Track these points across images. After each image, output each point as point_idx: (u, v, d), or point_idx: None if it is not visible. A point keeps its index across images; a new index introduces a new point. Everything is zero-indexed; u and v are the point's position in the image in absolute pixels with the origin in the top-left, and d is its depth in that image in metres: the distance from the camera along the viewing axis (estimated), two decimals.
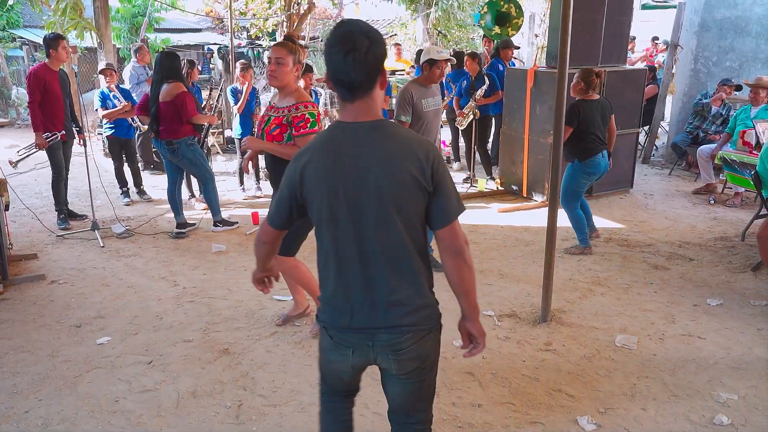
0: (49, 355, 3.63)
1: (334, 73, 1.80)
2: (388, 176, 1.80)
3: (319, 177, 1.85)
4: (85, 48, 12.22)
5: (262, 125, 3.58)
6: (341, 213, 1.85)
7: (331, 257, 1.92)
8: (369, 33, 1.78)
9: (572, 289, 4.59)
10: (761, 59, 8.18)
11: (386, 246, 1.86)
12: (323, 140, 1.89)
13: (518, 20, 8.37)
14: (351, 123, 1.85)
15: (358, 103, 1.83)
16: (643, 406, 3.14)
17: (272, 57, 3.43)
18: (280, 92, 3.54)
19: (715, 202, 6.95)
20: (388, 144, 1.84)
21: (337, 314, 1.94)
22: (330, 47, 1.78)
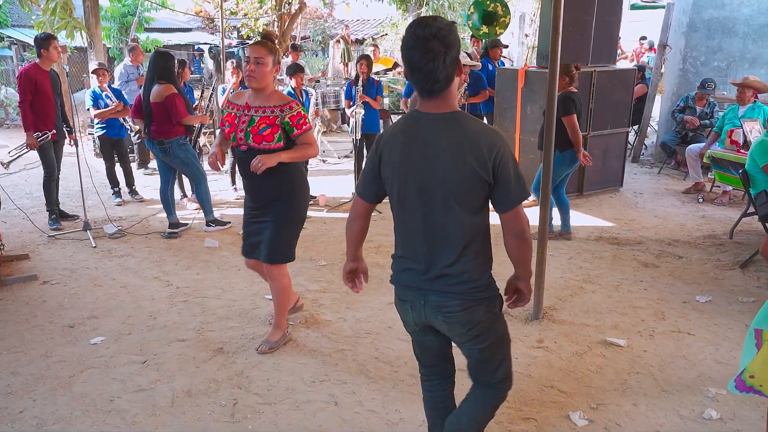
0: (42, 355, 3.63)
1: (416, 81, 2.00)
2: (452, 168, 2.01)
3: (394, 162, 2.10)
4: (75, 48, 12.16)
5: (242, 125, 3.34)
6: (411, 194, 2.10)
7: (400, 228, 2.20)
8: (444, 38, 1.93)
9: (563, 287, 4.64)
10: (748, 59, 8.28)
11: (447, 226, 2.08)
12: (401, 128, 2.12)
13: (505, 18, 8.41)
14: (426, 113, 2.06)
15: (435, 100, 2.03)
16: (634, 401, 3.18)
17: (251, 57, 3.28)
18: (258, 93, 3.36)
19: (703, 201, 7.03)
20: (457, 137, 2.02)
21: (401, 274, 2.22)
22: (410, 53, 1.96)
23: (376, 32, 19.93)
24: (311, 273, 4.90)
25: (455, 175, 2.01)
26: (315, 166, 8.76)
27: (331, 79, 12.73)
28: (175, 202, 5.91)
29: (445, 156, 2.01)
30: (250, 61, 3.27)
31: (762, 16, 8.08)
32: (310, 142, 3.44)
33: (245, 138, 3.34)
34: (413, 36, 1.94)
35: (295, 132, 3.37)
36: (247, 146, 3.35)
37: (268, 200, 3.47)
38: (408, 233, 2.16)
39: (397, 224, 2.21)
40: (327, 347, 3.71)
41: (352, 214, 2.33)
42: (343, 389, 3.27)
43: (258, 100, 3.37)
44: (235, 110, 3.42)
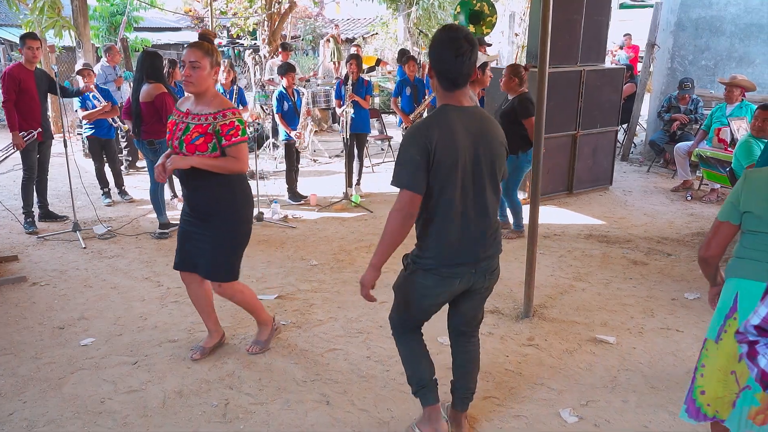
0: (32, 357, 3.61)
1: (445, 71, 2.36)
2: (492, 149, 2.45)
3: (447, 148, 2.34)
4: (63, 47, 12.08)
5: (178, 133, 3.15)
6: (465, 176, 2.40)
7: (453, 210, 2.42)
8: (469, 38, 2.33)
9: (554, 285, 4.67)
10: (735, 58, 8.36)
11: (490, 201, 2.50)
12: (443, 119, 2.39)
13: (492, 18, 8.45)
14: (459, 107, 2.42)
15: (459, 92, 2.41)
16: (624, 398, 3.21)
17: (186, 60, 3.08)
18: (198, 98, 3.18)
19: (692, 199, 7.09)
20: (488, 125, 2.47)
21: (453, 254, 2.47)
22: (440, 49, 2.35)
23: (366, 31, 19.93)
24: (302, 273, 4.90)
25: (494, 155, 2.46)
26: (306, 166, 8.76)
27: (322, 78, 12.72)
28: (165, 203, 5.89)
29: (485, 140, 2.43)
30: (184, 65, 3.09)
31: (749, 15, 8.16)
32: (239, 156, 3.15)
33: (179, 146, 3.12)
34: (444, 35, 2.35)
35: (224, 142, 3.11)
36: (182, 155, 3.14)
37: (203, 215, 3.24)
38: (461, 215, 2.44)
39: (446, 210, 2.41)
40: (319, 347, 3.72)
41: (410, 210, 2.38)
42: (335, 389, 3.27)
43: (198, 106, 3.17)
44: (176, 116, 3.23)
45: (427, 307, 2.62)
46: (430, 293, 2.55)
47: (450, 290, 2.55)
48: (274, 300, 4.38)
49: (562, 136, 6.97)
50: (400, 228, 2.39)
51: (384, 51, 17.95)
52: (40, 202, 6.20)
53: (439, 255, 2.47)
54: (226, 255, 3.31)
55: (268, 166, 8.82)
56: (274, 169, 8.69)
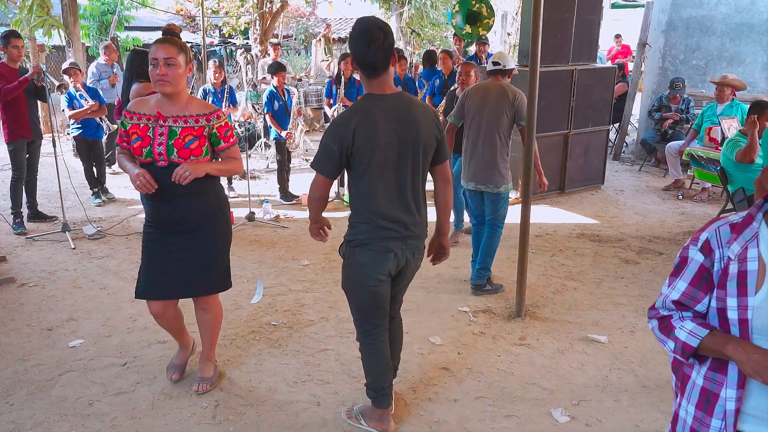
0: (20, 359, 3.57)
1: (361, 59, 2.51)
2: (420, 133, 2.58)
3: (369, 135, 2.50)
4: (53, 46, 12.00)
5: (160, 138, 2.83)
6: (387, 159, 2.55)
7: (380, 191, 2.58)
8: (382, 26, 2.49)
9: (546, 284, 4.66)
10: (726, 57, 8.39)
11: (414, 182, 2.64)
12: (364, 107, 2.55)
13: (489, 20, 8.46)
14: (381, 95, 2.56)
15: (380, 78, 2.54)
16: (615, 397, 3.21)
17: (159, 58, 2.77)
18: (172, 99, 2.87)
19: (683, 197, 7.11)
20: (414, 109, 2.61)
21: (384, 230, 2.63)
22: (355, 39, 2.50)
23: None
24: (293, 273, 4.88)
25: (423, 139, 2.61)
26: (297, 165, 8.73)
27: (314, 78, 12.69)
28: None
29: (412, 125, 2.57)
30: (157, 63, 2.77)
31: (739, 15, 8.19)
32: (237, 156, 3.04)
33: (167, 152, 2.82)
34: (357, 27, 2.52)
35: (222, 145, 2.95)
36: (169, 161, 2.83)
37: (194, 224, 2.97)
38: (386, 195, 2.60)
39: (370, 190, 2.59)
40: (310, 347, 3.70)
41: (318, 192, 2.68)
42: (326, 389, 3.26)
43: (173, 107, 2.87)
44: (145, 120, 2.87)
45: (374, 287, 2.71)
46: (370, 272, 2.67)
47: (387, 266, 2.67)
48: (266, 300, 4.36)
49: (554, 136, 6.97)
50: (311, 203, 2.76)
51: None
52: (29, 203, 6.14)
53: (370, 231, 2.64)
54: (225, 260, 3.14)
55: (260, 165, 8.79)
56: (266, 168, 8.65)
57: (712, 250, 1.50)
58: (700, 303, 1.56)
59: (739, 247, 1.47)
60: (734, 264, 1.47)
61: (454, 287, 4.59)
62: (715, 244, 1.50)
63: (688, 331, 1.54)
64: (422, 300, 4.33)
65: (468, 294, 4.47)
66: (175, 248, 2.98)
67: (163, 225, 2.98)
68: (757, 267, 1.44)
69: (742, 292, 1.45)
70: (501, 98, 4.27)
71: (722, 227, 1.50)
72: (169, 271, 2.99)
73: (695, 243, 1.54)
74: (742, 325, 1.46)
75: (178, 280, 3.01)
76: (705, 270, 1.52)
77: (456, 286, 4.63)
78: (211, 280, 3.09)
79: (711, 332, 1.52)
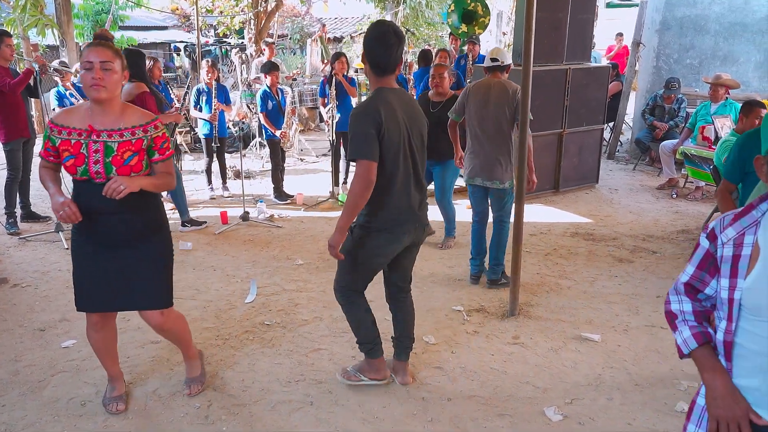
0: (12, 359, 3.56)
1: (377, 61, 2.80)
2: (420, 124, 2.93)
3: (393, 123, 2.75)
4: (46, 46, 11.94)
5: (96, 156, 2.61)
6: (405, 148, 2.83)
7: (398, 178, 2.83)
8: (399, 32, 2.78)
9: (539, 283, 4.67)
10: (720, 56, 8.41)
11: (421, 165, 2.98)
12: (385, 99, 2.79)
13: (485, 19, 8.46)
14: (392, 89, 2.86)
15: (390, 77, 2.85)
16: (608, 396, 3.21)
17: (93, 61, 2.55)
18: (105, 109, 2.64)
19: (677, 196, 7.13)
20: (415, 103, 3.00)
21: (401, 216, 2.90)
22: (371, 41, 2.78)
23: (354, 30, 19.89)
24: (287, 272, 4.88)
25: (424, 128, 2.97)
26: (292, 165, 8.72)
27: (309, 77, 12.67)
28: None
29: (417, 116, 2.92)
30: (92, 66, 2.54)
31: (732, 14, 8.21)
32: (171, 171, 2.82)
33: (105, 171, 2.61)
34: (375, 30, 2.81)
35: (157, 156, 2.74)
36: (107, 179, 2.61)
37: (142, 236, 2.80)
38: (405, 181, 2.86)
39: (393, 177, 2.81)
40: (303, 347, 3.69)
41: (370, 177, 2.71)
42: (319, 389, 3.25)
43: (107, 118, 2.64)
44: (76, 136, 2.62)
45: (376, 265, 3.01)
46: (382, 252, 2.94)
47: (399, 245, 2.96)
48: (259, 300, 4.35)
49: (549, 135, 6.98)
50: (362, 193, 2.73)
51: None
52: (22, 203, 6.12)
53: (390, 217, 2.87)
54: (168, 275, 2.95)
55: (255, 165, 8.77)
56: (260, 168, 8.64)
57: (716, 237, 1.60)
58: (708, 286, 1.66)
59: (734, 232, 1.55)
60: (728, 248, 1.55)
61: (448, 286, 4.59)
62: (718, 231, 1.60)
63: (684, 338, 1.66)
64: (416, 299, 4.31)
65: (462, 293, 4.47)
66: (117, 264, 2.77)
67: (104, 237, 2.75)
68: (751, 252, 1.51)
69: (733, 273, 1.54)
70: (502, 94, 4.32)
71: (727, 216, 1.59)
72: (113, 285, 2.79)
73: (705, 230, 1.64)
74: (730, 305, 1.54)
75: (119, 294, 2.82)
76: (710, 255, 1.62)
77: (450, 285, 4.63)
78: (155, 294, 2.88)
79: (700, 347, 1.62)
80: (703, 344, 1.62)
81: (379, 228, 2.88)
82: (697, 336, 1.64)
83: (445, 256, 5.25)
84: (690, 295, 1.71)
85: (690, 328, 1.66)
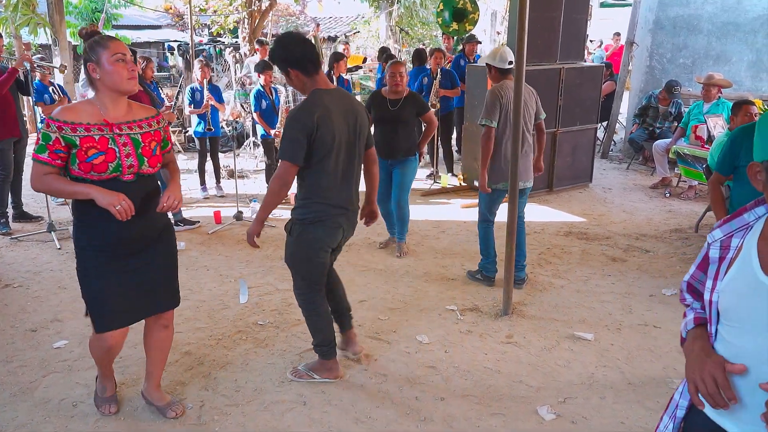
0: (3, 360, 3.53)
1: (303, 57, 2.89)
2: (359, 121, 3.05)
3: (326, 125, 2.86)
4: (39, 45, 11.89)
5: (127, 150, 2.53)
6: (340, 146, 2.95)
7: (333, 175, 2.97)
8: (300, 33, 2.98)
9: (533, 282, 4.67)
10: (712, 56, 8.44)
11: (357, 165, 3.12)
12: (320, 101, 2.89)
13: (474, 15, 8.46)
14: (327, 89, 2.97)
15: (320, 74, 2.96)
16: (601, 394, 3.22)
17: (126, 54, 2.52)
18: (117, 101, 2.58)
19: (670, 195, 7.15)
20: (352, 100, 3.10)
21: (333, 209, 3.03)
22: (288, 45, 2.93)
23: (349, 29, 19.87)
24: (281, 272, 4.86)
25: (363, 126, 3.08)
26: None
27: None
28: None
29: (355, 114, 3.03)
30: (125, 59, 2.50)
31: (725, 13, 8.24)
32: (174, 159, 2.92)
33: (138, 163, 2.56)
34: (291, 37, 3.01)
35: (169, 146, 2.78)
36: (136, 174, 2.57)
37: (158, 230, 2.76)
38: (339, 178, 3.00)
39: (328, 174, 2.95)
40: (296, 347, 3.68)
41: (287, 178, 2.91)
42: (312, 389, 3.24)
43: (118, 113, 2.57)
44: (97, 131, 2.49)
45: (322, 259, 3.11)
46: (321, 244, 3.06)
47: (335, 240, 3.11)
48: (253, 300, 4.34)
49: None
50: (279, 191, 2.94)
51: (367, 49, 17.91)
52: (14, 202, 6.09)
53: (324, 210, 3.01)
54: (177, 273, 2.95)
55: (248, 164, 8.75)
56: (255, 167, 8.62)
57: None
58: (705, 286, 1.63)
59: (722, 234, 1.51)
60: (714, 249, 1.51)
61: (442, 286, 4.59)
62: None
63: (685, 323, 1.63)
64: (409, 299, 4.33)
65: (455, 292, 4.47)
66: (141, 264, 2.70)
67: (123, 246, 2.62)
68: (734, 255, 1.46)
69: (716, 275, 1.50)
70: (530, 96, 4.39)
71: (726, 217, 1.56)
72: (132, 294, 2.71)
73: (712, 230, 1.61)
74: (710, 306, 1.51)
75: (141, 299, 2.75)
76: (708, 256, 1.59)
77: (443, 284, 4.63)
78: (173, 293, 2.91)
79: (695, 327, 1.57)
80: (699, 325, 1.58)
81: (314, 220, 3.00)
82: (696, 319, 1.60)
83: (438, 255, 5.25)
84: (693, 294, 1.69)
85: (694, 311, 1.63)
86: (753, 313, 1.37)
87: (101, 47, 2.50)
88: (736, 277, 1.43)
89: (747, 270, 1.40)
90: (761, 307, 1.36)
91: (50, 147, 2.45)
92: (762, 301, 1.36)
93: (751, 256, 1.41)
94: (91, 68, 2.51)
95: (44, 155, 2.46)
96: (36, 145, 2.50)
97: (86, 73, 2.56)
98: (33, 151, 2.50)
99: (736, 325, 1.43)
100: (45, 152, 2.46)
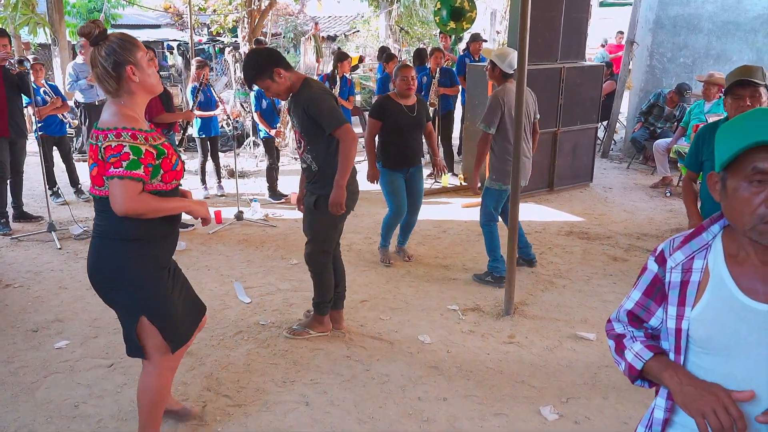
0: (4, 360, 3.53)
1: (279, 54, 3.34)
2: None
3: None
4: (38, 44, 11.88)
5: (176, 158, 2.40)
6: None
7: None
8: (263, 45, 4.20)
9: (534, 282, 4.67)
10: (713, 55, 8.44)
11: None
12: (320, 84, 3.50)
13: (471, 14, 8.45)
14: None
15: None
16: (604, 394, 3.21)
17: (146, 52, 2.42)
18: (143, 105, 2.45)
19: (671, 195, 7.15)
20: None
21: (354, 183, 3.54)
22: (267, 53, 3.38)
23: (348, 29, 19.87)
24: (282, 272, 4.86)
25: None
26: (287, 164, 8.70)
27: None
28: None
29: None
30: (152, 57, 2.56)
31: (725, 13, 8.24)
32: None
33: (183, 170, 2.52)
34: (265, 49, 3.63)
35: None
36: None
37: None
38: None
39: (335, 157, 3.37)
40: (298, 347, 3.68)
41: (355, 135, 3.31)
42: (315, 389, 3.24)
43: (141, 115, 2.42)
44: (159, 137, 2.35)
45: (340, 226, 3.63)
46: (343, 214, 3.47)
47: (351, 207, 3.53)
48: (254, 300, 4.34)
49: (543, 134, 6.95)
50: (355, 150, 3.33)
51: (366, 48, 17.91)
52: (15, 203, 6.07)
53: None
54: None
55: (249, 164, 8.75)
56: (255, 167, 8.61)
57: (665, 260, 1.45)
58: (653, 316, 1.51)
59: (683, 256, 1.42)
60: (676, 273, 1.42)
61: (443, 286, 4.59)
62: (667, 253, 1.45)
63: (635, 352, 1.48)
64: (411, 299, 4.33)
65: (457, 292, 4.47)
66: (185, 281, 2.67)
67: (170, 261, 2.55)
68: (699, 278, 1.39)
69: (681, 301, 1.41)
70: (530, 99, 4.45)
71: (677, 237, 1.47)
72: (189, 304, 2.66)
73: (654, 253, 1.50)
74: (677, 335, 1.42)
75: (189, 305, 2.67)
76: (659, 280, 1.47)
77: (445, 284, 4.62)
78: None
79: (655, 356, 1.46)
80: (657, 354, 1.46)
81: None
82: (650, 347, 1.47)
83: (440, 255, 5.25)
84: (634, 324, 1.55)
85: (641, 342, 1.50)
86: (740, 338, 1.32)
87: (135, 47, 2.31)
88: (712, 304, 1.36)
89: (724, 294, 1.34)
90: (749, 330, 1.31)
91: (143, 161, 2.21)
92: (750, 325, 1.31)
93: (724, 280, 1.35)
94: (130, 71, 2.27)
95: (139, 170, 2.19)
96: (124, 161, 2.17)
97: (112, 78, 2.28)
98: (121, 170, 2.17)
99: (721, 352, 1.36)
100: (140, 167, 2.19)
